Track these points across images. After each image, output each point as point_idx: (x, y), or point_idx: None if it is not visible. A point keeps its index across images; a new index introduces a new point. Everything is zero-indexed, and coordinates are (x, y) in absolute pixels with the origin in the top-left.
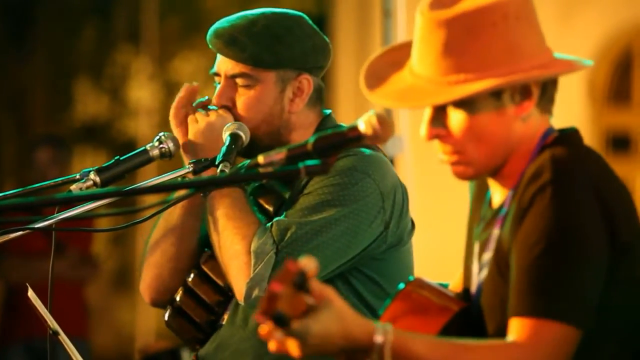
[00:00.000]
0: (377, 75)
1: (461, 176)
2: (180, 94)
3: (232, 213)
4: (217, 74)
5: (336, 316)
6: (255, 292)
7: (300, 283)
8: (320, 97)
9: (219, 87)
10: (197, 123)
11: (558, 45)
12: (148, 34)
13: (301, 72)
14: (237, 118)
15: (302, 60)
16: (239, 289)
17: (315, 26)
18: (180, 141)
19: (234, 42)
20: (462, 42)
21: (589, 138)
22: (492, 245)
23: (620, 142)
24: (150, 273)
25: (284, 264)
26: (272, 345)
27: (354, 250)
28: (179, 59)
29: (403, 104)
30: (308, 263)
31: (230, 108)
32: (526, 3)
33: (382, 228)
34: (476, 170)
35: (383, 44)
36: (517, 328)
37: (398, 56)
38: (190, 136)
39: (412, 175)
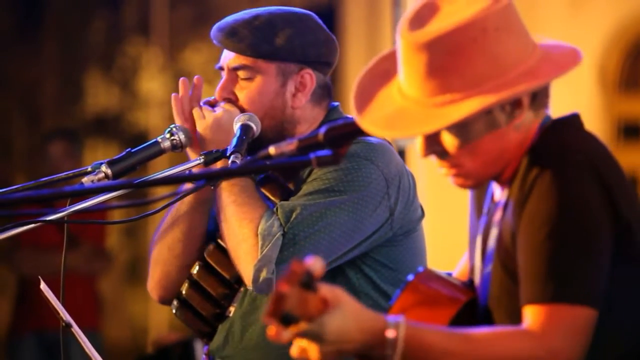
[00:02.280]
0: (366, 93)
1: (462, 187)
2: (180, 92)
3: (240, 200)
4: (222, 69)
5: (350, 312)
6: (263, 274)
7: (308, 283)
8: (328, 94)
9: (221, 80)
10: (204, 119)
11: (569, 34)
12: (158, 25)
13: (303, 66)
14: (240, 111)
15: (302, 53)
16: (248, 273)
17: (322, 24)
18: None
19: (234, 34)
20: (445, 62)
21: (600, 126)
22: (494, 237)
23: (631, 130)
24: (158, 270)
25: (290, 264)
26: (294, 352)
27: (359, 235)
28: (190, 50)
29: (392, 132)
30: (314, 263)
31: (234, 101)
32: (504, 11)
33: (388, 214)
34: (476, 180)
35: (393, 34)
36: (530, 316)
37: (386, 66)
38: (199, 131)
39: (423, 166)
